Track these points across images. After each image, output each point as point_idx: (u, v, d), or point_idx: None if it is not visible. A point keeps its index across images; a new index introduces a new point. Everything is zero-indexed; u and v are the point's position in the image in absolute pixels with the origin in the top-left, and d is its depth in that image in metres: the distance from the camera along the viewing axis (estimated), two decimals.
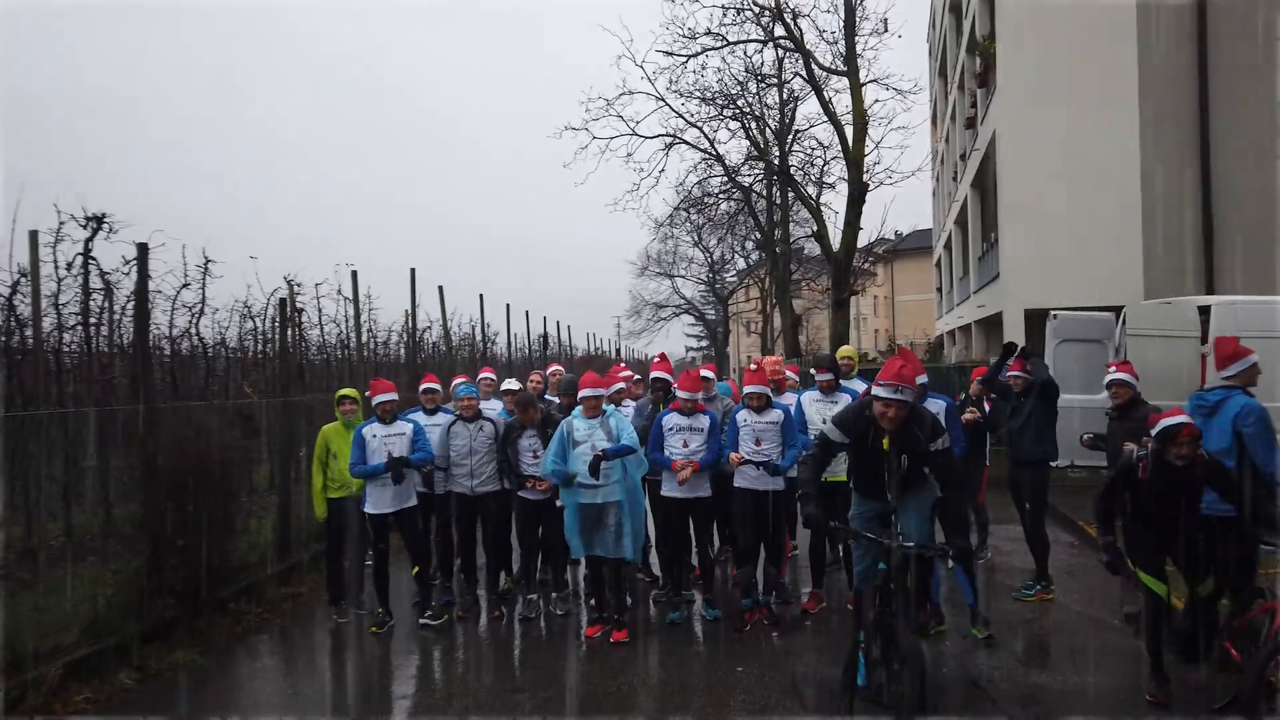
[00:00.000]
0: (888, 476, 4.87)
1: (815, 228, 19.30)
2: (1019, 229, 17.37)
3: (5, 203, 7.41)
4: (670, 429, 6.93)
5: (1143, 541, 5.08)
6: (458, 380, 8.11)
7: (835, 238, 18.61)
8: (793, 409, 7.25)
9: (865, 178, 17.56)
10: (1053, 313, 12.52)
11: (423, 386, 7.78)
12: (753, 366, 7.37)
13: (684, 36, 18.51)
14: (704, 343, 60.12)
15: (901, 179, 22.78)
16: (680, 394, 6.95)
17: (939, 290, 38.31)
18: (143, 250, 7.27)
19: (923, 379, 6.37)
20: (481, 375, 8.70)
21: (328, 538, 7.60)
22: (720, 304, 52.65)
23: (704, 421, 6.94)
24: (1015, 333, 16.96)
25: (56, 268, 7.94)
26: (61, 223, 7.90)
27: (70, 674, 5.66)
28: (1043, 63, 16.80)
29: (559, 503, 6.97)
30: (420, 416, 7.55)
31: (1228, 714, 4.72)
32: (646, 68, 30.34)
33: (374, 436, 7.12)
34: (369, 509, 7.14)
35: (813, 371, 7.64)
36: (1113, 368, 6.58)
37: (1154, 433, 4.84)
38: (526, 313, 20.87)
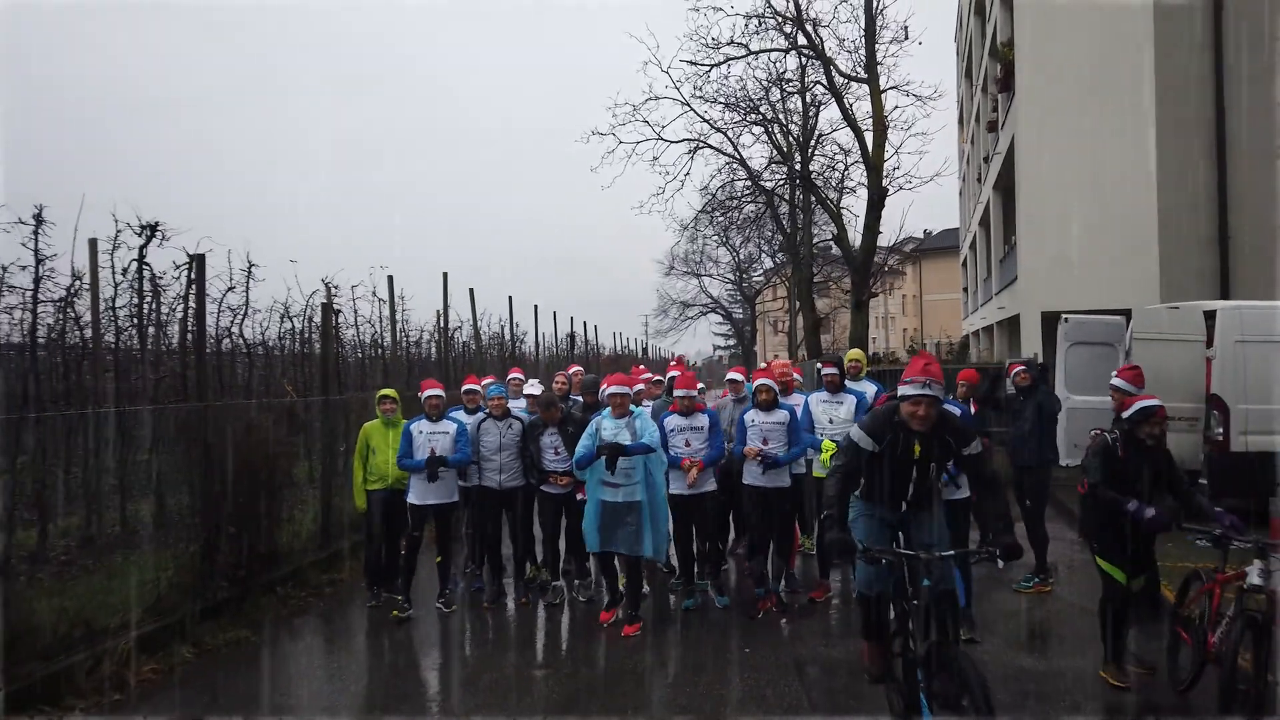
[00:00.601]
0: (913, 485, 4.58)
1: (836, 231, 19.65)
2: (1037, 233, 17.62)
3: (67, 215, 7.95)
4: (671, 430, 7.25)
5: (1106, 532, 5.45)
6: (487, 381, 8.64)
7: (856, 241, 18.96)
8: (799, 410, 7.61)
9: (885, 183, 17.92)
10: (1064, 316, 12.79)
11: (464, 387, 8.29)
12: (762, 365, 7.75)
13: (708, 46, 18.92)
14: (731, 341, 60.44)
15: (920, 184, 22.99)
16: (676, 393, 7.32)
17: (965, 290, 38.39)
18: (200, 261, 7.85)
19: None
20: (511, 376, 9.20)
21: (366, 527, 8.15)
22: (747, 303, 52.93)
23: (702, 420, 7.26)
24: (1032, 335, 17.23)
25: (113, 273, 8.57)
26: (118, 231, 8.52)
27: (139, 647, 6.23)
28: (1061, 70, 17.03)
29: (580, 496, 7.39)
30: (462, 415, 8.02)
31: (1193, 688, 5.13)
32: (672, 74, 31.18)
33: (420, 432, 7.59)
34: (411, 499, 7.65)
35: (818, 366, 8.00)
36: (1116, 375, 6.93)
37: (1128, 414, 5.27)
38: (554, 313, 21.42)
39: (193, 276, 8.00)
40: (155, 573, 6.88)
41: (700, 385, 8.49)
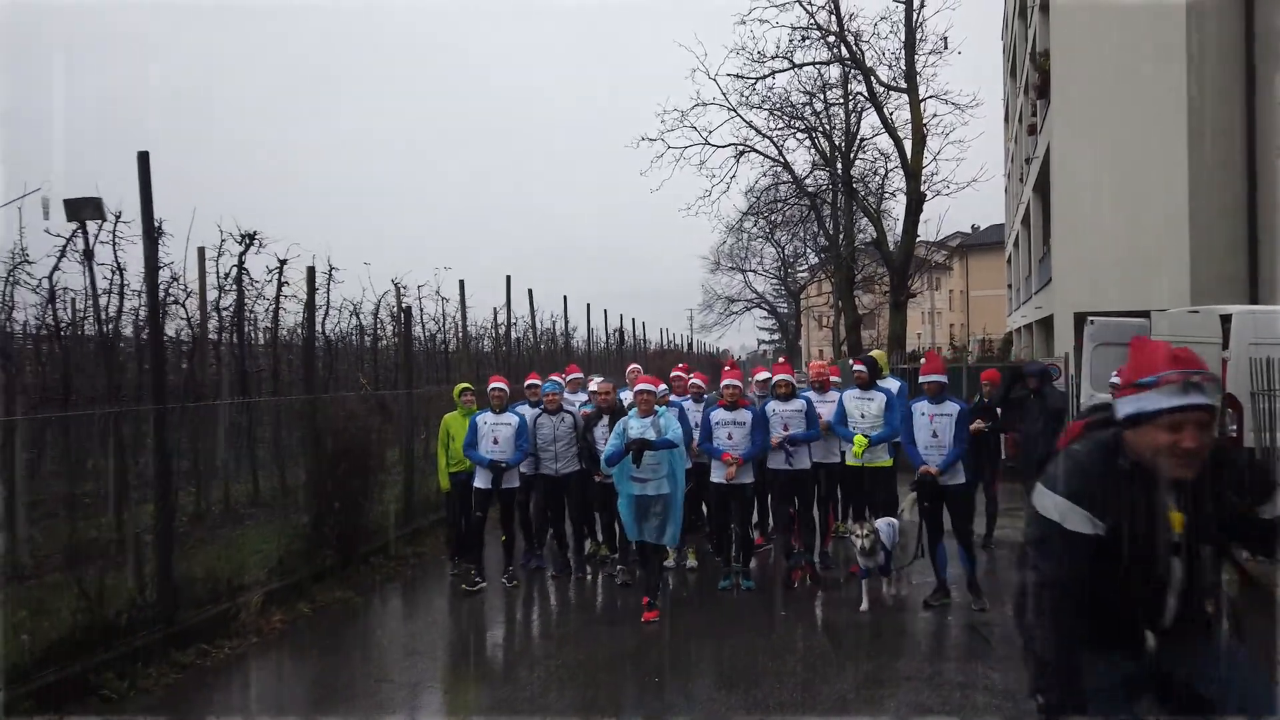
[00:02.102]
0: (1175, 595, 2.68)
1: (875, 234, 20.45)
2: (1071, 236, 18.24)
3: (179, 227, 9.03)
4: (716, 423, 7.98)
5: None
6: (552, 378, 9.69)
7: (895, 244, 19.75)
8: (835, 406, 8.45)
9: (923, 188, 18.67)
10: (1090, 318, 13.50)
11: (527, 383, 9.24)
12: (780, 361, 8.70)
13: (754, 61, 19.83)
14: (775, 336, 60.98)
15: (958, 190, 23.77)
16: (724, 383, 8.00)
17: (1009, 287, 38.68)
18: (310, 273, 9.04)
19: (942, 379, 7.49)
20: (571, 376, 10.26)
21: (447, 507, 9.26)
22: (792, 298, 53.46)
23: (745, 416, 7.95)
24: (1065, 335, 17.84)
25: (219, 278, 9.74)
26: (223, 240, 9.65)
27: (267, 601, 7.40)
28: (1096, 79, 17.62)
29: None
30: (524, 408, 9.01)
31: None
32: (719, 81, 32.12)
33: (485, 423, 8.49)
34: (476, 483, 8.56)
35: (851, 363, 8.83)
36: (1116, 375, 7.78)
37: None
38: (605, 311, 22.47)
39: (309, 287, 9.18)
40: (277, 540, 8.08)
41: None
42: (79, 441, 7.68)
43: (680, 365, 10.68)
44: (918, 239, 20.73)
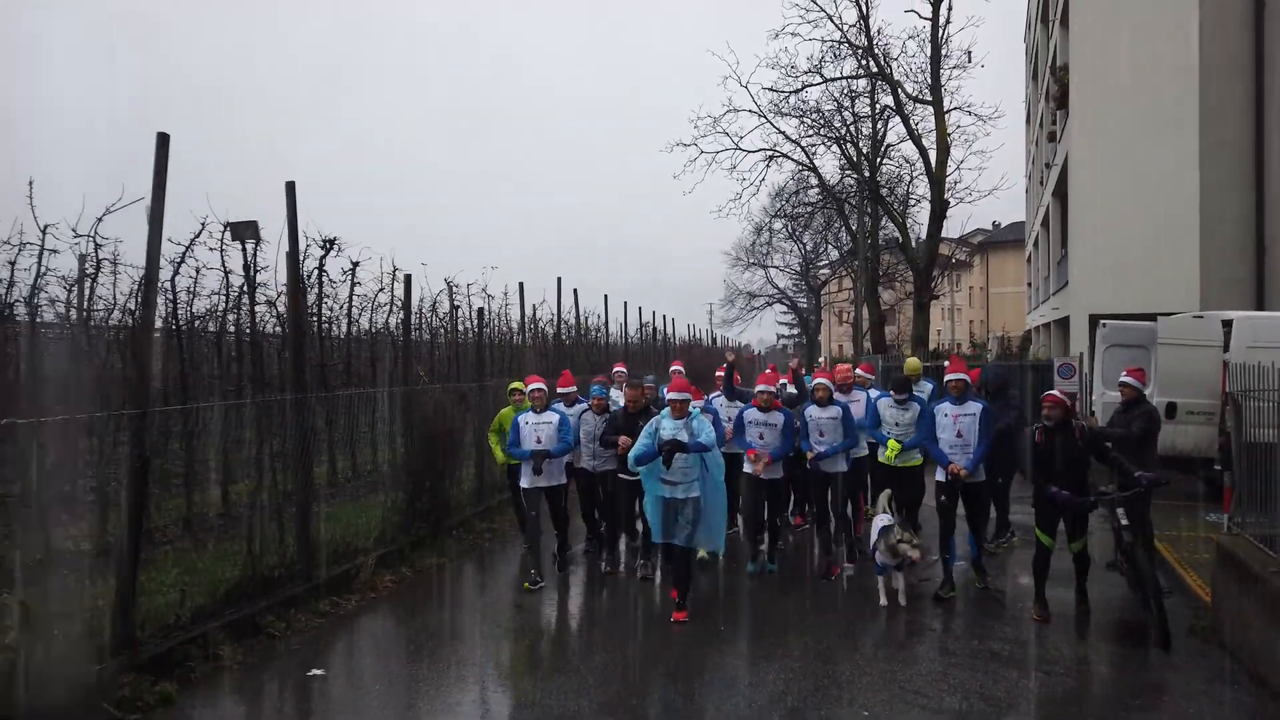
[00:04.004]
0: None
1: (899, 238, 21.51)
2: (1087, 241, 19.22)
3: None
4: (750, 422, 8.48)
5: (1042, 509, 7.23)
6: (594, 381, 9.63)
7: (918, 240, 20.77)
8: (863, 404, 9.12)
9: (946, 195, 19.68)
10: (1102, 321, 14.51)
11: (560, 390, 9.26)
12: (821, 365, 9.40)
13: (786, 75, 20.92)
14: (795, 331, 61.72)
15: (979, 198, 24.90)
16: (758, 388, 8.49)
17: (1029, 285, 39.50)
18: (408, 281, 10.18)
19: (965, 378, 7.92)
20: (616, 369, 11.32)
21: (511, 491, 10.22)
22: (813, 294, 54.26)
23: (778, 419, 8.45)
24: (1080, 335, 18.83)
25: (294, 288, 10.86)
26: (306, 245, 10.73)
27: (377, 564, 8.60)
28: (1112, 92, 18.57)
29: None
30: (562, 407, 8.99)
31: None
32: (750, 89, 32.96)
33: (526, 423, 8.57)
34: (523, 483, 8.66)
35: (890, 393, 8.84)
36: (1125, 373, 8.78)
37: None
38: (639, 308, 23.58)
39: (405, 293, 10.36)
40: (381, 512, 9.29)
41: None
42: (226, 426, 8.92)
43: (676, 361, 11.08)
44: (944, 243, 21.74)
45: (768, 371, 9.10)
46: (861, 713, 5.47)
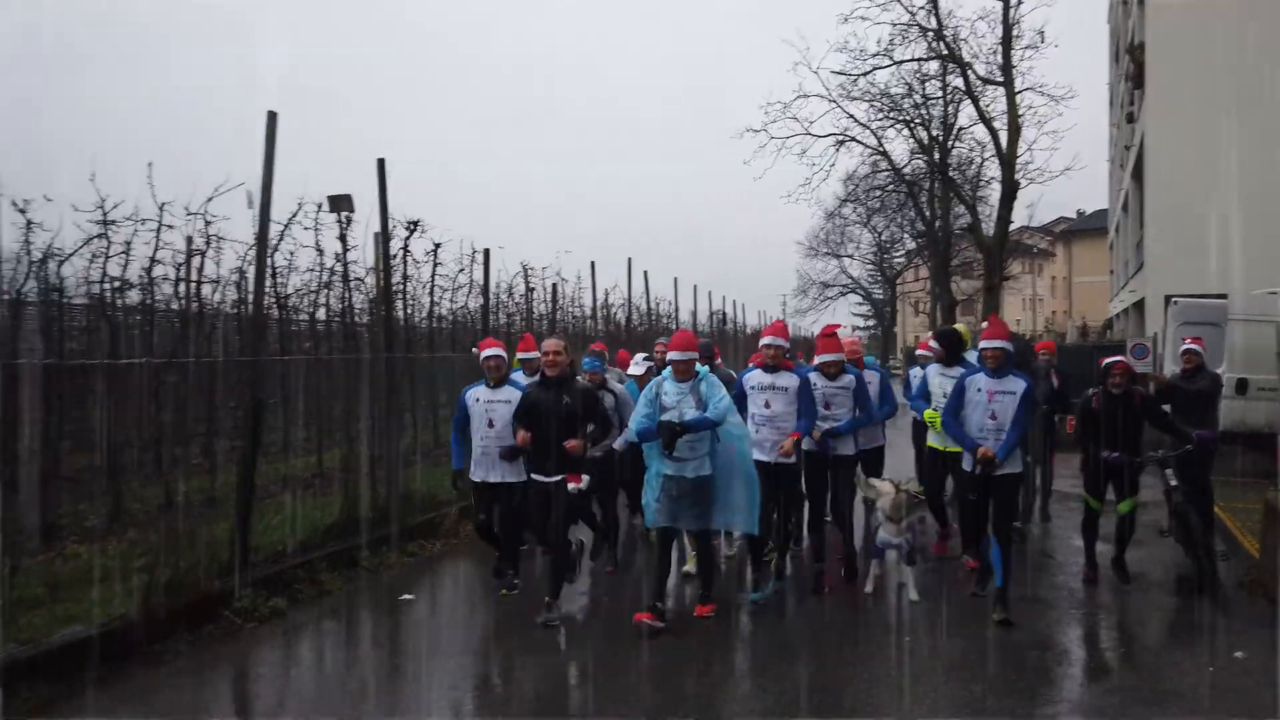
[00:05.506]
0: None
1: (971, 221, 21.48)
2: (1163, 222, 18.96)
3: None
4: (752, 387, 6.54)
5: (1090, 473, 7.14)
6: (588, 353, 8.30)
7: (990, 230, 20.74)
8: (877, 384, 7.70)
9: (1017, 176, 19.63)
10: (1173, 299, 14.40)
11: (485, 353, 6.92)
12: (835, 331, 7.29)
13: (856, 59, 21.09)
14: (870, 322, 61.06)
15: (1051, 178, 24.41)
16: (762, 341, 6.71)
17: (1111, 273, 38.62)
18: (486, 255, 10.88)
19: (1006, 345, 6.29)
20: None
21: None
22: (888, 284, 53.72)
23: (789, 380, 6.51)
24: (1156, 317, 18.57)
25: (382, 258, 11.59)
26: (389, 230, 11.49)
27: (460, 515, 9.27)
28: (1189, 70, 18.27)
29: (572, 485, 6.18)
30: (521, 378, 7.22)
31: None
32: (821, 74, 32.96)
33: (477, 401, 6.72)
34: (474, 475, 6.84)
35: (931, 341, 8.47)
36: (1186, 340, 8.93)
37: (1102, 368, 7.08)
38: (709, 292, 23.94)
39: (485, 273, 11.10)
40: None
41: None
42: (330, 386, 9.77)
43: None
44: (1015, 224, 21.63)
45: (776, 323, 7.19)
46: None
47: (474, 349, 8.15)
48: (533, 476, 6.36)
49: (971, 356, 7.68)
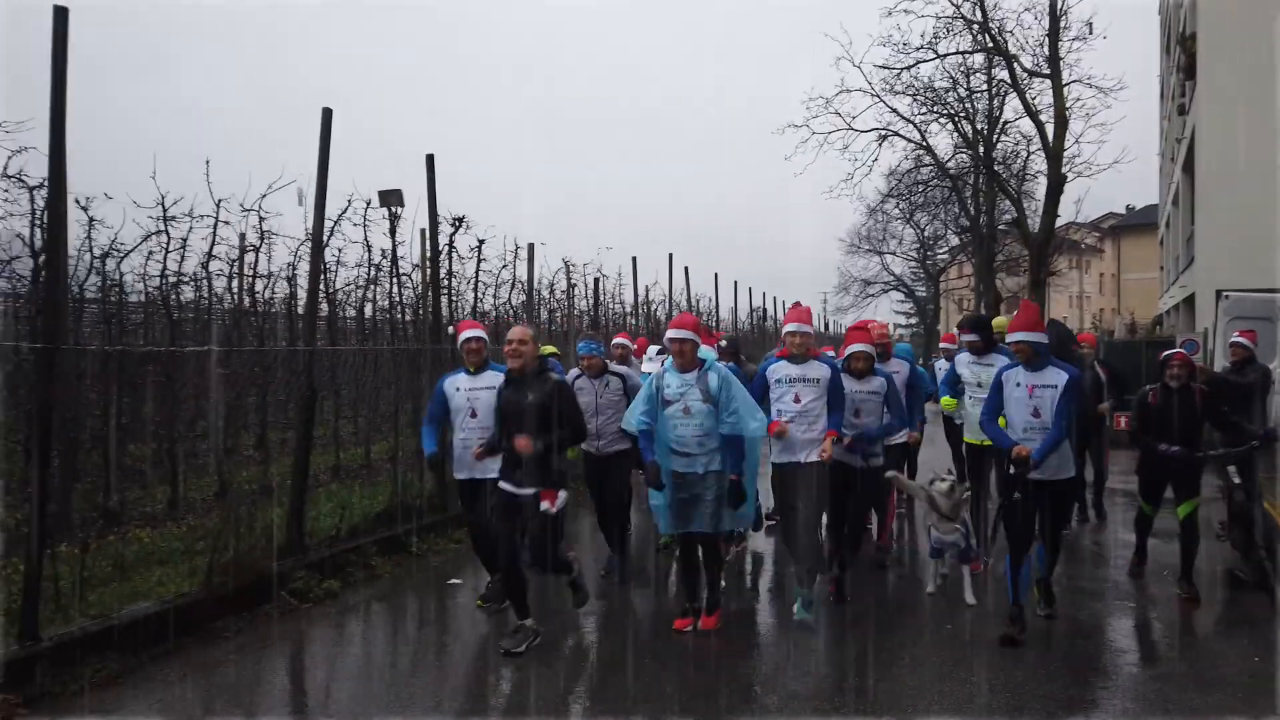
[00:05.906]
0: None
1: (1015, 215, 21.21)
2: (1213, 216, 18.58)
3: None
4: (778, 380, 5.86)
5: (1146, 476, 6.83)
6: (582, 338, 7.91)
7: (1035, 225, 20.48)
8: (905, 375, 7.30)
9: (1064, 170, 19.34)
10: (1224, 293, 14.13)
11: (462, 336, 6.27)
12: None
13: (899, 52, 20.94)
14: (913, 320, 60.29)
15: (1098, 171, 23.82)
16: (786, 328, 6.00)
17: (1161, 269, 37.86)
18: (530, 250, 11.03)
19: (1039, 337, 5.67)
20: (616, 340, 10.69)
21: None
22: (931, 281, 53.00)
23: (820, 371, 5.80)
24: (1206, 313, 18.21)
25: (424, 253, 11.79)
26: (437, 223, 11.68)
27: None
28: (1241, 62, 17.87)
29: (545, 505, 5.47)
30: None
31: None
32: (863, 69, 32.63)
33: (457, 390, 6.17)
34: (458, 473, 6.30)
35: (957, 333, 8.12)
36: (1236, 334, 8.82)
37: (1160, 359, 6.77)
38: (750, 289, 23.98)
39: (529, 269, 11.25)
40: None
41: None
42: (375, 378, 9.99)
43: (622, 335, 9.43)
44: (1062, 219, 21.33)
45: (797, 307, 6.27)
46: None
47: (450, 329, 7.83)
48: (500, 484, 5.55)
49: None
